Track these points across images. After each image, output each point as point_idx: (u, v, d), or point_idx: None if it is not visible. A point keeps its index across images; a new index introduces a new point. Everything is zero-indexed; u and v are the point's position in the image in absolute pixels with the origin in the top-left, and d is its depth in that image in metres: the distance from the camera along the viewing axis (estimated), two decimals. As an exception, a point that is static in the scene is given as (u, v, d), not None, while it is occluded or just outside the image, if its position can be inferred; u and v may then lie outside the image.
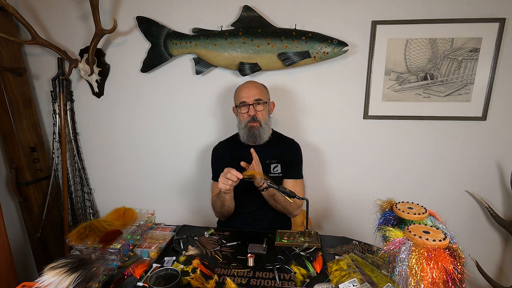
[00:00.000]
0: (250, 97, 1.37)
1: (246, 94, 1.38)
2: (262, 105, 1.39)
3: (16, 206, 1.95)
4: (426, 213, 0.89)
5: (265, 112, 1.40)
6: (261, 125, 1.38)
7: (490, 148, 1.63)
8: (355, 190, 1.79)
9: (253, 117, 1.37)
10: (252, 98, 1.37)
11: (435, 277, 0.69)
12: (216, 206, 1.42)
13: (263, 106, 1.39)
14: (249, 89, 1.39)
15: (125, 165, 1.94)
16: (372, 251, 1.12)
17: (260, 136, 1.38)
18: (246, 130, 1.39)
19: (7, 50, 1.70)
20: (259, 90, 1.40)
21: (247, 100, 1.38)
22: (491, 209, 1.63)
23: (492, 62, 1.51)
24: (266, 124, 1.40)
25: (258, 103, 1.38)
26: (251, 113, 1.37)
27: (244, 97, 1.38)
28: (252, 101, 1.37)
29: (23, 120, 1.78)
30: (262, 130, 1.38)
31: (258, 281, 0.98)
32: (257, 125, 1.37)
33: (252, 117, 1.37)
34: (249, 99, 1.37)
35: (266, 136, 1.41)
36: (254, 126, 1.37)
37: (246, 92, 1.39)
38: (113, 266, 1.03)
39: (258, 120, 1.38)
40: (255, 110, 1.37)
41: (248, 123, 1.38)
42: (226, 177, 1.20)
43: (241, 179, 1.22)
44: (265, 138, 1.40)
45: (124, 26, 1.71)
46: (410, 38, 1.53)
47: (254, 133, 1.38)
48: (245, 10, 1.57)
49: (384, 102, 1.63)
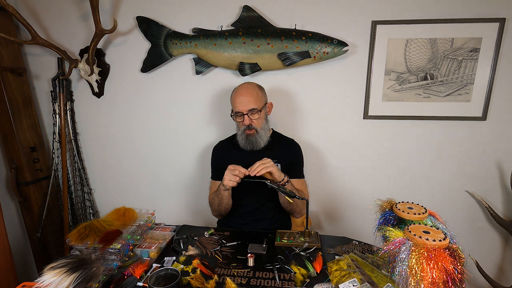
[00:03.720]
0: (244, 107, 1.35)
1: (240, 104, 1.35)
2: (257, 113, 1.36)
3: (16, 206, 1.95)
4: (426, 213, 0.89)
5: (261, 118, 1.39)
6: (258, 132, 1.38)
7: (490, 148, 1.63)
8: (355, 190, 1.79)
9: (248, 126, 1.36)
10: (246, 108, 1.34)
11: (435, 277, 0.69)
12: (214, 204, 1.42)
13: (258, 114, 1.37)
14: (243, 97, 1.35)
15: (125, 165, 1.94)
16: (372, 251, 1.12)
17: (257, 142, 1.39)
18: (243, 137, 1.39)
19: (7, 50, 1.70)
20: (253, 97, 1.35)
21: (241, 110, 1.35)
22: (491, 209, 1.63)
23: (492, 62, 1.51)
24: (263, 130, 1.40)
25: (253, 112, 1.36)
26: (246, 122, 1.36)
27: (238, 107, 1.36)
28: (246, 111, 1.35)
29: (23, 120, 1.78)
30: (258, 137, 1.38)
31: (258, 281, 0.98)
32: (253, 133, 1.37)
33: (247, 126, 1.37)
34: (243, 109, 1.35)
35: (264, 141, 1.40)
36: (251, 134, 1.38)
37: (239, 101, 1.35)
38: (113, 266, 1.03)
39: (254, 128, 1.37)
40: (250, 119, 1.36)
41: (245, 131, 1.38)
42: (234, 173, 1.21)
43: (242, 178, 1.23)
44: (262, 143, 1.40)
45: (124, 26, 1.71)
46: (410, 38, 1.53)
47: (251, 140, 1.38)
48: (245, 10, 1.57)
49: (384, 102, 1.63)
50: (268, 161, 1.24)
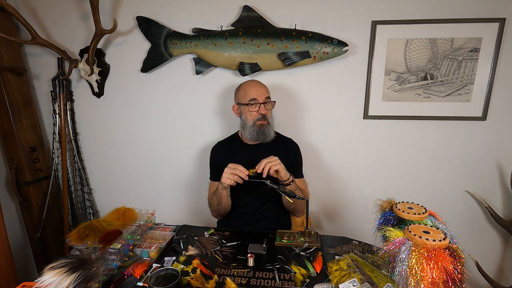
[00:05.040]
0: (261, 95, 1.36)
1: (257, 93, 1.36)
2: (270, 104, 1.39)
3: (16, 206, 1.95)
4: (426, 213, 0.89)
5: (271, 111, 1.42)
6: (269, 123, 1.39)
7: (490, 148, 1.63)
8: (355, 190, 1.79)
9: (263, 115, 1.37)
10: (263, 96, 1.37)
11: (435, 277, 0.69)
12: (213, 204, 1.42)
13: (271, 105, 1.40)
14: (258, 87, 1.38)
15: (125, 165, 1.94)
16: (372, 251, 1.12)
17: (269, 134, 1.38)
18: (255, 128, 1.37)
19: (7, 50, 1.70)
20: (267, 89, 1.41)
21: (258, 98, 1.36)
22: (491, 209, 1.63)
23: (492, 62, 1.51)
24: (272, 123, 1.42)
25: (268, 102, 1.38)
26: (262, 111, 1.36)
27: (255, 95, 1.36)
28: (264, 99, 1.37)
29: (23, 120, 1.78)
30: (270, 128, 1.39)
31: (258, 281, 0.98)
32: (266, 123, 1.38)
33: (262, 116, 1.37)
34: (260, 97, 1.36)
35: (272, 134, 1.41)
36: (264, 124, 1.37)
37: (256, 90, 1.37)
38: (113, 266, 1.03)
39: (267, 119, 1.38)
40: (265, 109, 1.37)
41: (258, 121, 1.37)
42: (234, 172, 1.21)
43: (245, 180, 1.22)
44: (271, 136, 1.40)
45: (124, 26, 1.71)
46: (410, 38, 1.53)
47: (264, 131, 1.37)
48: (245, 10, 1.57)
49: (384, 102, 1.63)
50: (275, 159, 1.23)
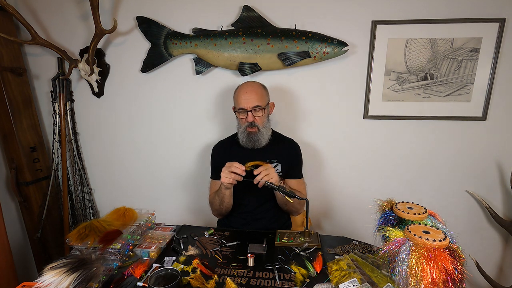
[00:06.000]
0: (249, 104, 1.35)
1: (245, 100, 1.35)
2: (260, 111, 1.37)
3: (16, 206, 1.95)
4: (426, 213, 0.89)
5: (264, 116, 1.39)
6: (259, 130, 1.37)
7: (490, 148, 1.63)
8: (355, 190, 1.79)
9: (251, 123, 1.36)
10: (250, 104, 1.35)
11: (435, 277, 0.69)
12: (215, 204, 1.42)
13: (262, 111, 1.37)
14: (247, 94, 1.36)
15: (125, 165, 1.94)
16: (372, 251, 1.12)
17: (259, 140, 1.38)
18: (245, 134, 1.38)
19: (7, 50, 1.70)
20: (258, 95, 1.36)
21: (245, 106, 1.35)
22: (491, 209, 1.63)
23: (492, 62, 1.51)
24: (265, 128, 1.40)
25: (257, 109, 1.36)
26: (250, 119, 1.36)
27: (243, 103, 1.35)
28: (251, 108, 1.35)
29: (23, 120, 1.78)
30: (260, 135, 1.38)
31: (258, 281, 0.98)
32: (255, 131, 1.37)
33: (250, 123, 1.36)
34: (247, 106, 1.35)
35: (265, 139, 1.40)
36: (252, 132, 1.37)
37: (244, 97, 1.35)
38: (113, 266, 1.03)
39: (257, 126, 1.37)
40: (254, 116, 1.36)
41: (247, 128, 1.37)
42: (230, 170, 1.21)
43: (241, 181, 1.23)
44: (263, 142, 1.39)
45: (124, 26, 1.71)
46: (410, 38, 1.53)
47: (253, 138, 1.38)
48: (245, 10, 1.57)
49: (384, 102, 1.63)
50: (271, 171, 1.24)
